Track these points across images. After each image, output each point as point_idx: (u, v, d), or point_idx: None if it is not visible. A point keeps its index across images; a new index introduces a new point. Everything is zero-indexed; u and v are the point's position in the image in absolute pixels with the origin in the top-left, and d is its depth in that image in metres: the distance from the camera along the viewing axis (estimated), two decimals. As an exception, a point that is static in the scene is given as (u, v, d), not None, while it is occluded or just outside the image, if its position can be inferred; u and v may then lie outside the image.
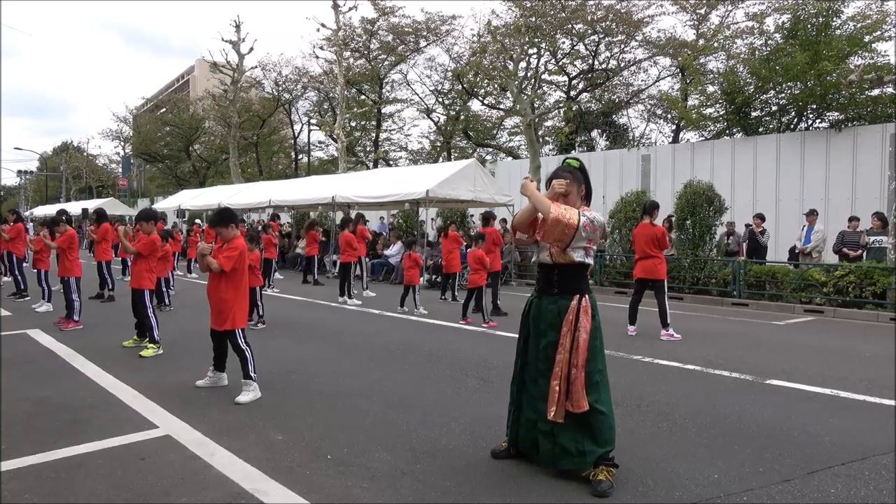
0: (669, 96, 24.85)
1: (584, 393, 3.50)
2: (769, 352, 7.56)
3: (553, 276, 3.68)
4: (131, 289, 7.25)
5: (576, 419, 3.53)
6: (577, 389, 3.50)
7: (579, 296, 3.60)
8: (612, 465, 3.52)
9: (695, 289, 13.22)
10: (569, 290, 3.63)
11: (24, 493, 3.37)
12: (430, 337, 8.37)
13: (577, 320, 3.55)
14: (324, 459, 3.86)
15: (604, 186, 19.98)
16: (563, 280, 3.65)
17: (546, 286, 3.72)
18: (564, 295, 3.62)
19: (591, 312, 3.60)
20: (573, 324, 3.55)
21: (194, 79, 73.66)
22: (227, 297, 5.26)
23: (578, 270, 3.65)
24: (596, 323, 3.62)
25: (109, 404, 5.01)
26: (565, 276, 3.65)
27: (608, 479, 3.41)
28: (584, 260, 3.65)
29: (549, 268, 3.71)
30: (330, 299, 11.99)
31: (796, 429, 4.53)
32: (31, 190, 67.72)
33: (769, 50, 19.68)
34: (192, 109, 44.66)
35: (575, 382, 3.50)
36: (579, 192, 3.74)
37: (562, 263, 3.65)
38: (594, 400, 3.51)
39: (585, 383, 3.51)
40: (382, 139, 35.53)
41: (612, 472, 3.47)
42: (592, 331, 3.57)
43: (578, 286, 3.64)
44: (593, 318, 3.61)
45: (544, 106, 26.30)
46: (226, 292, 5.27)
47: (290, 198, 20.65)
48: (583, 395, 3.49)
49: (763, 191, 17.30)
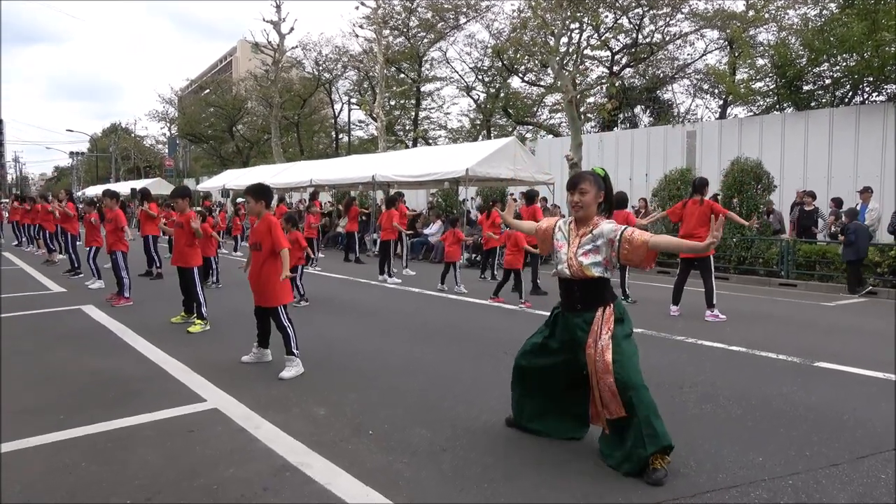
0: (717, 70, 24.11)
1: (617, 399, 3.43)
2: (818, 334, 7.35)
3: (575, 292, 3.62)
4: (177, 267, 7.45)
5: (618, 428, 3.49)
6: (607, 396, 3.46)
7: (603, 307, 3.53)
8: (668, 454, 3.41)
9: (741, 269, 12.92)
10: (592, 304, 3.56)
11: (81, 461, 3.52)
12: (468, 315, 8.39)
13: (601, 330, 3.49)
14: (365, 435, 3.93)
15: (647, 164, 19.59)
16: (586, 295, 3.58)
17: (569, 303, 3.65)
18: (588, 309, 3.56)
19: (616, 319, 3.51)
20: (598, 334, 3.49)
21: (237, 60, 74.55)
22: (269, 273, 5.37)
23: (599, 283, 3.57)
24: (624, 330, 3.53)
25: (159, 378, 5.19)
26: (587, 290, 3.58)
27: (663, 468, 3.35)
28: (603, 275, 3.56)
29: (569, 282, 3.64)
30: (371, 277, 12.11)
31: (845, 413, 4.41)
32: (82, 171, 69.95)
33: (823, 20, 18.87)
34: (235, 90, 45.24)
35: (604, 390, 3.46)
36: (597, 198, 3.62)
37: (581, 278, 3.57)
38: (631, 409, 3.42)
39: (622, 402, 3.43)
40: (422, 118, 35.46)
41: (666, 460, 3.39)
42: (616, 337, 3.47)
43: (602, 298, 3.56)
44: (621, 322, 3.53)
45: (586, 82, 25.77)
46: (268, 270, 5.38)
47: (330, 177, 20.85)
48: (616, 401, 3.44)
49: (814, 167, 16.69)
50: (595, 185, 3.62)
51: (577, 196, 3.61)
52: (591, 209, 3.63)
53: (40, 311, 8.24)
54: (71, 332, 6.95)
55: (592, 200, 3.61)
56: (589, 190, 3.60)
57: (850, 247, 10.83)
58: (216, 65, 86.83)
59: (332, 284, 11.52)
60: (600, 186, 3.64)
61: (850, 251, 10.85)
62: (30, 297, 9.46)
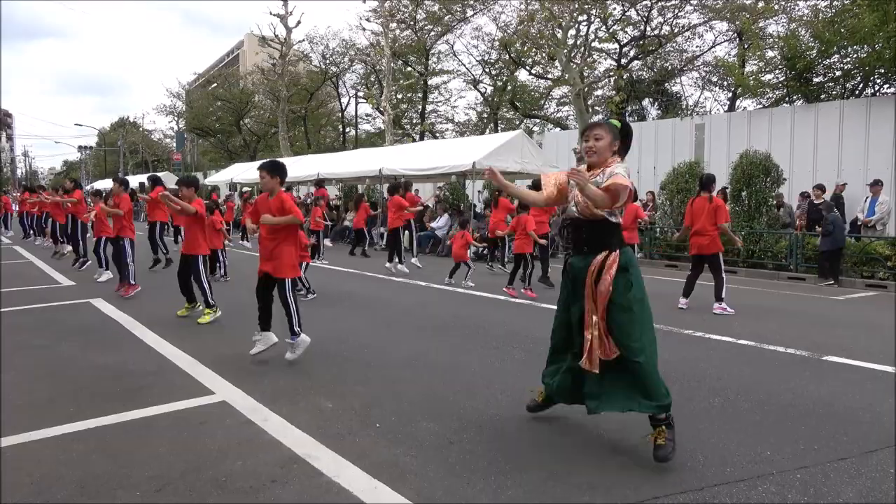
0: (726, 62, 23.90)
1: (609, 340, 3.44)
2: (827, 327, 7.32)
3: (582, 234, 3.60)
4: (183, 255, 7.46)
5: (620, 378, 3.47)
6: (600, 336, 3.45)
7: (607, 251, 3.49)
8: (667, 424, 3.41)
9: (749, 262, 12.86)
10: (598, 247, 3.52)
11: (90, 453, 3.55)
12: (475, 309, 8.39)
13: (600, 274, 3.46)
14: (372, 427, 3.94)
15: (655, 157, 19.49)
16: (593, 237, 3.56)
17: (577, 245, 3.63)
18: (594, 252, 3.53)
19: (620, 267, 3.46)
20: (594, 275, 3.47)
21: (244, 53, 74.51)
22: (284, 243, 5.42)
23: (607, 226, 3.53)
24: (627, 280, 3.47)
25: (168, 371, 5.22)
26: (595, 232, 3.56)
27: (669, 443, 3.35)
28: (609, 218, 3.52)
29: (577, 223, 3.62)
30: (378, 271, 12.12)
31: (854, 407, 4.39)
32: (91, 165, 70.26)
33: (834, 11, 18.70)
34: (242, 84, 45.31)
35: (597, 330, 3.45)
36: (611, 146, 3.59)
37: (591, 219, 3.53)
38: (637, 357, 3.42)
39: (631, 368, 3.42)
40: (429, 111, 35.43)
41: (667, 433, 3.39)
42: (622, 290, 3.44)
43: (609, 242, 3.52)
44: (626, 270, 3.47)
45: (594, 75, 25.62)
46: (280, 239, 5.43)
47: (337, 171, 20.86)
48: (609, 343, 3.44)
49: (824, 160, 16.56)
50: (610, 133, 3.59)
51: (592, 141, 3.57)
52: (605, 155, 3.58)
53: (50, 305, 8.29)
54: (80, 326, 6.99)
55: (607, 147, 3.57)
56: (604, 136, 3.56)
57: (827, 237, 11.32)
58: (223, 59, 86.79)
59: (340, 277, 11.54)
60: (615, 135, 3.61)
61: (826, 241, 11.35)
62: (39, 291, 9.53)
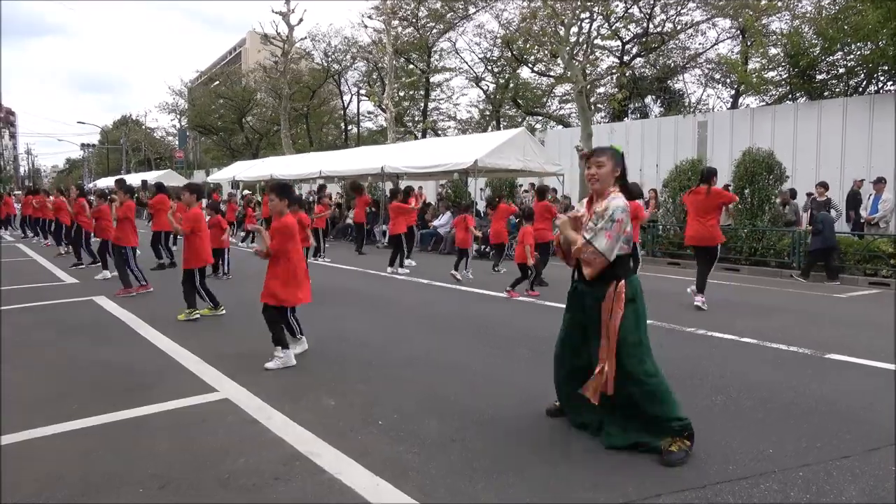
0: (729, 60, 23.82)
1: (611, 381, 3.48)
2: (829, 325, 7.31)
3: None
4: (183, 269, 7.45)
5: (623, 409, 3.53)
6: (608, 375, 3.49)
7: (616, 282, 3.49)
8: (687, 437, 3.46)
9: (752, 260, 12.83)
10: (607, 276, 3.52)
11: (94, 450, 3.57)
12: (478, 307, 8.40)
13: (613, 307, 3.48)
14: (374, 425, 3.94)
15: (657, 154, 19.45)
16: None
17: (581, 275, 3.63)
18: (602, 281, 3.52)
19: (628, 297, 3.48)
20: (610, 311, 3.48)
21: (246, 51, 74.58)
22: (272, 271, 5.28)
23: (616, 258, 3.53)
24: (635, 310, 3.51)
25: (172, 368, 5.23)
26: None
27: (681, 450, 3.39)
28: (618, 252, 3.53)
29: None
30: (379, 269, 12.12)
31: (856, 405, 4.39)
32: (93, 162, 70.32)
33: (837, 8, 18.60)
34: (245, 82, 45.28)
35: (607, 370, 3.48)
36: (613, 173, 3.59)
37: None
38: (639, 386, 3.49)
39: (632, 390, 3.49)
40: (431, 109, 35.36)
41: (685, 444, 3.43)
42: (628, 316, 3.46)
43: (616, 273, 3.51)
44: (632, 301, 3.50)
45: (596, 72, 25.58)
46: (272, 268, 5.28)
47: (340, 168, 20.86)
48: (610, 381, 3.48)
49: (827, 158, 16.51)
50: (612, 160, 3.57)
51: (594, 168, 3.57)
52: (607, 182, 3.57)
53: (53, 302, 8.32)
54: (84, 323, 7.01)
55: (609, 174, 3.57)
56: (606, 163, 3.56)
57: (817, 236, 11.26)
58: (225, 56, 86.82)
59: (341, 275, 11.54)
60: (617, 161, 3.59)
61: (817, 240, 11.29)
62: (43, 288, 9.56)
